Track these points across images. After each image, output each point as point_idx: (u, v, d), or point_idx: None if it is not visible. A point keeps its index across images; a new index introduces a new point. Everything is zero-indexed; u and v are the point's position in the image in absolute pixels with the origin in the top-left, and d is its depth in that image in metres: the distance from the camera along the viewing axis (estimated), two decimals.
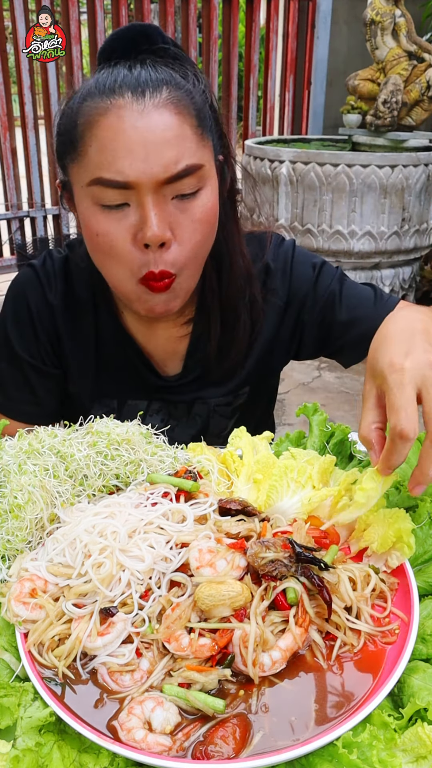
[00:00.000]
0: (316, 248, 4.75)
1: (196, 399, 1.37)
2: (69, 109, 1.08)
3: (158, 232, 1.02)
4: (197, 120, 1.05)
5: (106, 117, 1.01)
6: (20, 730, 0.68)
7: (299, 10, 6.31)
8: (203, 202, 1.07)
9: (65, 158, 1.10)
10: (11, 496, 0.89)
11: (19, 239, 5.34)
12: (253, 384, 1.40)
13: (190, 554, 0.80)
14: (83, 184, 1.05)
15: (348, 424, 1.14)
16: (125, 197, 1.03)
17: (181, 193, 1.04)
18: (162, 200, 1.03)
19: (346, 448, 1.12)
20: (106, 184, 1.02)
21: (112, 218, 1.04)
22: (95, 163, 1.02)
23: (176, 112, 1.02)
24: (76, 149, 1.05)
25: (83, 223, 1.10)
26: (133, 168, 1.00)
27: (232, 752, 0.66)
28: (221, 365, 1.32)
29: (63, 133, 1.09)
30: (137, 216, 1.03)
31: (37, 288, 1.30)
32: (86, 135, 1.03)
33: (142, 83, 1.01)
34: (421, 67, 5.00)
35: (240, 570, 0.80)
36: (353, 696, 0.71)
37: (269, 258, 1.32)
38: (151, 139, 0.99)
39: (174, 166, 1.01)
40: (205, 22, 5.58)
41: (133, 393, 1.34)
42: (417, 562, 0.89)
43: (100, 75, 1.05)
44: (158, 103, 1.01)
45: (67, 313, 1.30)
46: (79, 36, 5.04)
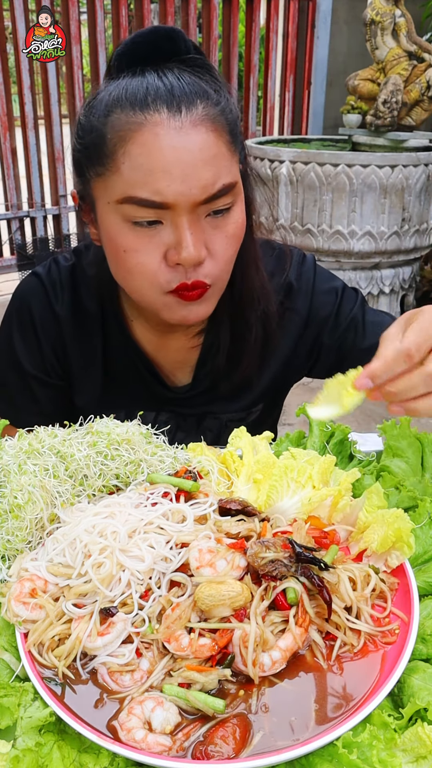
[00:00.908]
0: (316, 248, 4.75)
1: (206, 413, 1.35)
2: (94, 119, 1.03)
3: (194, 252, 1.00)
4: (230, 136, 1.04)
5: (141, 134, 0.97)
6: (20, 730, 0.68)
7: (299, 10, 6.31)
8: (235, 218, 1.06)
9: (89, 171, 1.06)
10: (11, 496, 0.89)
11: (19, 239, 5.33)
12: (267, 401, 1.39)
13: (190, 554, 0.80)
14: (112, 200, 1.02)
15: (348, 424, 1.14)
16: (159, 216, 1.00)
17: (215, 210, 1.03)
18: (196, 219, 1.01)
19: (346, 448, 1.12)
20: (141, 203, 0.99)
21: (142, 235, 1.02)
22: (128, 182, 0.99)
23: (212, 129, 1.00)
24: (105, 164, 1.01)
25: (108, 237, 1.06)
26: (171, 189, 0.97)
27: (232, 752, 0.66)
28: (231, 378, 1.31)
29: (89, 146, 1.04)
30: (171, 235, 1.01)
31: (42, 298, 1.27)
32: (118, 151, 0.99)
33: (177, 97, 0.98)
34: (421, 67, 4.99)
35: (240, 570, 0.80)
36: (353, 696, 0.71)
37: (292, 276, 1.31)
38: (189, 159, 0.97)
39: (212, 187, 0.99)
40: (205, 22, 5.58)
41: (141, 404, 1.31)
42: (417, 562, 0.89)
43: (128, 83, 1.01)
44: (195, 120, 0.98)
45: (74, 324, 1.28)
46: (79, 36, 5.04)
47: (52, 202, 5.35)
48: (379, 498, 0.93)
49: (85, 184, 1.08)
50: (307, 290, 1.31)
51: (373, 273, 4.93)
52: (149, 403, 1.33)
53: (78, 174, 1.10)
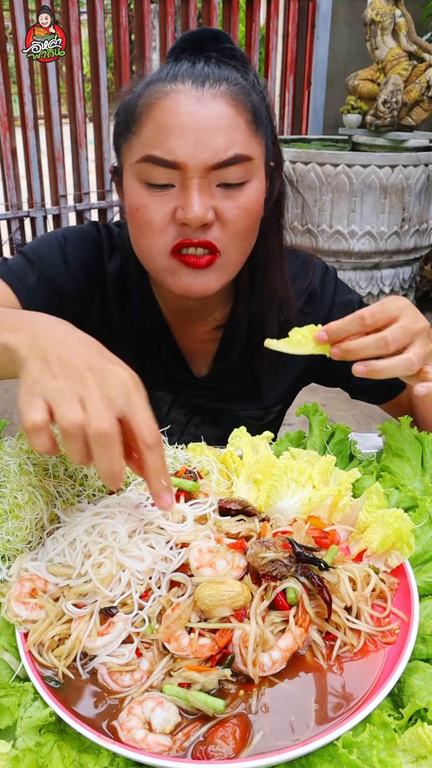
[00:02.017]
0: (316, 248, 4.75)
1: (222, 410, 1.37)
2: (131, 93, 1.11)
3: (199, 213, 1.03)
4: (252, 116, 1.08)
5: (164, 100, 1.04)
6: (20, 730, 0.68)
7: (299, 10, 6.31)
8: (248, 194, 1.08)
9: (120, 139, 1.13)
10: (11, 496, 0.89)
11: (19, 239, 5.33)
12: (285, 403, 1.42)
13: (190, 554, 0.80)
14: (133, 162, 1.08)
15: (348, 424, 1.14)
16: (171, 178, 1.05)
17: (226, 182, 1.06)
18: (206, 185, 1.05)
19: (346, 448, 1.12)
20: (155, 161, 1.04)
21: (154, 196, 1.06)
22: (147, 142, 1.05)
23: (232, 105, 1.05)
24: (131, 129, 1.08)
25: (127, 200, 1.12)
26: (183, 150, 1.02)
27: (232, 752, 0.66)
28: (243, 377, 1.33)
29: (122, 114, 1.12)
30: (180, 197, 1.05)
31: (99, 250, 1.30)
32: (143, 116, 1.06)
33: (203, 74, 1.05)
34: (421, 67, 5.00)
35: (240, 570, 0.80)
36: (353, 696, 0.71)
37: (317, 284, 1.33)
38: (204, 125, 1.02)
39: (223, 153, 1.03)
40: (205, 22, 5.58)
41: (162, 385, 1.35)
42: (417, 562, 0.89)
43: (165, 67, 1.09)
44: (216, 93, 1.04)
45: (118, 288, 1.30)
46: (79, 36, 5.04)
47: (52, 202, 5.35)
48: (379, 498, 0.93)
49: (118, 154, 1.15)
50: (328, 300, 1.34)
51: (373, 273, 4.94)
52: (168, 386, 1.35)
53: (115, 146, 1.17)
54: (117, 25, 5.09)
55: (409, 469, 1.05)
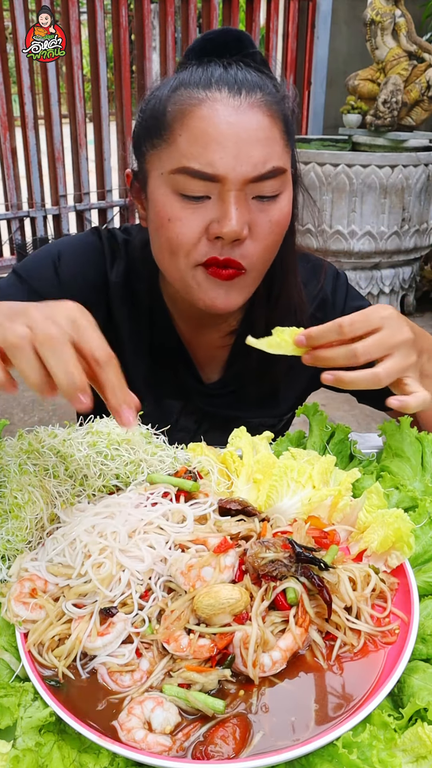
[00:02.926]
0: (316, 248, 4.75)
1: (234, 418, 1.34)
2: (157, 95, 1.08)
3: (236, 227, 1.02)
4: (285, 126, 1.07)
5: (200, 108, 1.01)
6: (20, 730, 0.68)
7: (299, 10, 6.31)
8: (281, 206, 1.08)
9: (145, 144, 1.09)
10: (11, 496, 0.89)
11: (19, 239, 5.34)
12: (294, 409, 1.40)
13: (177, 580, 0.79)
14: (165, 171, 1.05)
15: (348, 424, 1.14)
16: (208, 190, 1.03)
17: (261, 195, 1.05)
18: (244, 198, 1.03)
19: (346, 448, 1.12)
20: (193, 174, 1.01)
21: (189, 207, 1.04)
22: (183, 152, 1.02)
23: (269, 114, 1.03)
24: (162, 136, 1.05)
25: (155, 209, 1.08)
26: (223, 162, 1.00)
27: (232, 752, 0.66)
28: (258, 384, 1.32)
29: (148, 118, 1.08)
30: (216, 209, 1.03)
31: (100, 258, 1.27)
32: (176, 123, 1.03)
33: (238, 81, 1.03)
34: (421, 67, 5.00)
35: (230, 570, 0.79)
36: (353, 696, 0.71)
37: (328, 289, 1.32)
38: (244, 136, 1.00)
39: (262, 166, 1.02)
40: (205, 22, 5.58)
41: (171, 393, 1.33)
42: (417, 562, 0.89)
43: (194, 69, 1.06)
44: (253, 103, 1.02)
45: (123, 295, 1.28)
46: (79, 36, 5.04)
47: (52, 202, 5.35)
48: (379, 498, 0.93)
49: (141, 158, 1.12)
50: (339, 305, 1.33)
51: (373, 273, 4.94)
52: (178, 393, 1.34)
53: (135, 150, 1.14)
54: (117, 25, 5.09)
55: (409, 469, 1.05)
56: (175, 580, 0.79)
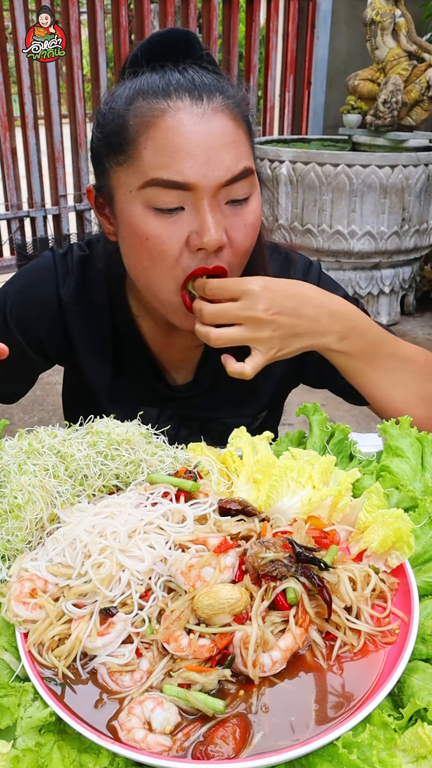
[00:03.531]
0: (316, 248, 4.75)
1: (210, 419, 1.35)
2: (115, 109, 1.05)
3: (216, 236, 1.01)
4: (247, 127, 1.07)
5: (164, 119, 1.00)
6: (20, 730, 0.68)
7: (299, 10, 6.30)
8: (253, 208, 1.08)
9: (109, 160, 1.07)
10: (11, 496, 0.89)
11: (19, 239, 5.33)
12: (271, 407, 1.40)
13: (177, 580, 0.79)
14: (134, 188, 1.03)
15: (348, 424, 1.14)
16: (181, 200, 1.01)
17: (234, 198, 1.04)
18: (218, 204, 1.03)
19: (346, 448, 1.12)
20: (164, 184, 1.00)
21: (165, 222, 1.02)
22: (151, 165, 1.00)
23: (232, 118, 1.03)
24: (126, 152, 1.03)
25: (129, 229, 1.06)
26: (194, 170, 0.99)
27: (232, 752, 0.66)
28: (233, 383, 1.31)
29: (109, 134, 1.06)
30: (193, 220, 1.02)
31: (51, 278, 1.27)
32: (141, 136, 1.01)
33: (198, 87, 1.02)
34: (421, 67, 4.99)
35: (230, 570, 0.79)
36: (353, 696, 0.71)
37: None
38: (212, 142, 1.00)
39: (234, 168, 1.02)
40: (205, 22, 5.58)
41: (145, 400, 1.32)
42: (417, 562, 0.89)
43: (149, 76, 1.04)
44: (216, 108, 1.02)
45: (79, 311, 1.28)
46: (79, 36, 5.03)
47: (52, 202, 5.35)
48: (379, 498, 0.93)
49: (104, 174, 1.10)
50: None
51: (373, 273, 4.93)
52: (152, 400, 1.33)
53: (97, 166, 1.12)
54: (117, 25, 5.09)
55: (409, 469, 1.05)
56: (175, 580, 0.79)
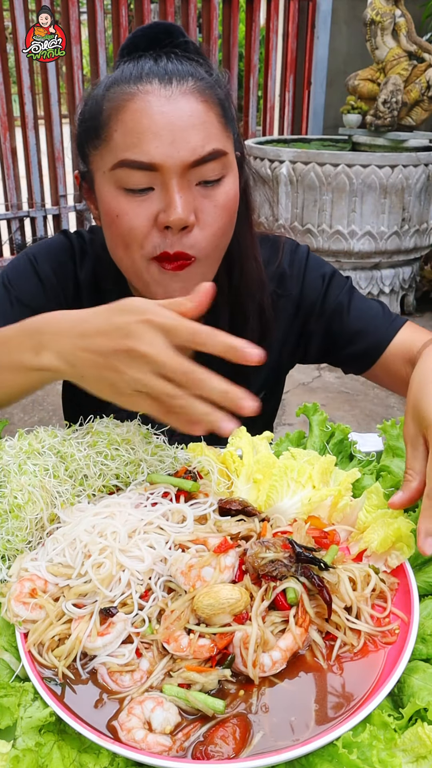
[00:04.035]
0: (316, 248, 4.75)
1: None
2: (94, 97, 1.09)
3: (182, 215, 1.02)
4: (221, 110, 1.07)
5: (133, 102, 1.02)
6: (20, 730, 0.68)
7: (299, 10, 6.31)
8: (226, 189, 1.08)
9: (87, 146, 1.10)
10: (11, 496, 0.89)
11: (19, 239, 5.33)
12: (267, 389, 1.40)
13: (177, 580, 0.79)
14: (106, 169, 1.06)
15: (348, 424, 1.14)
16: (150, 180, 1.03)
17: (205, 179, 1.05)
18: (187, 185, 1.04)
19: (346, 448, 1.12)
20: (131, 165, 1.02)
21: (134, 201, 1.05)
22: (120, 146, 1.03)
23: (202, 100, 1.04)
24: (100, 136, 1.06)
25: (103, 208, 1.09)
26: (160, 150, 1.00)
27: (232, 752, 0.66)
28: (228, 368, 1.32)
29: (87, 119, 1.10)
30: (161, 199, 1.04)
31: (69, 259, 1.29)
32: (111, 120, 1.04)
33: (169, 72, 1.03)
34: (421, 67, 5.00)
35: (230, 570, 0.79)
36: (353, 696, 0.71)
37: (285, 264, 1.33)
38: (178, 123, 1.01)
39: (201, 149, 1.02)
40: (205, 22, 5.58)
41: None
42: (417, 562, 0.89)
43: (125, 66, 1.07)
44: (185, 90, 1.03)
45: (91, 294, 1.29)
46: (79, 36, 5.04)
47: (52, 202, 5.36)
48: (379, 498, 0.93)
49: (85, 160, 1.13)
50: (299, 276, 1.33)
51: (373, 273, 4.94)
52: None
53: (79, 152, 1.14)
54: (117, 25, 5.10)
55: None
56: (175, 580, 0.79)
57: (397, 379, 1.30)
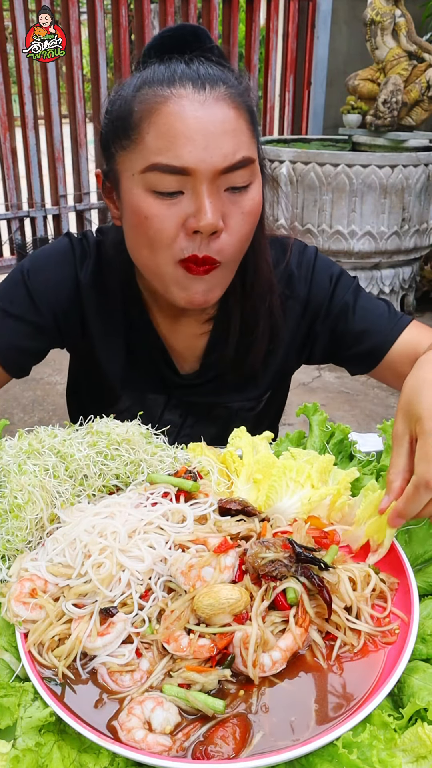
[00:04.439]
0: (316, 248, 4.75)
1: (215, 404, 1.37)
2: (122, 96, 1.09)
3: (212, 220, 1.03)
4: (250, 117, 1.08)
5: (167, 105, 1.02)
6: (20, 730, 0.68)
7: (299, 10, 6.30)
8: (252, 196, 1.09)
9: (114, 145, 1.10)
10: (11, 496, 0.89)
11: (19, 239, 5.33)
12: (273, 389, 1.41)
13: (177, 580, 0.79)
14: (136, 171, 1.06)
15: (348, 424, 1.14)
16: (181, 185, 1.03)
17: (233, 186, 1.06)
18: (216, 190, 1.04)
19: (346, 447, 1.12)
20: (164, 169, 1.02)
21: (164, 204, 1.05)
22: (152, 149, 1.03)
23: (234, 107, 1.04)
24: (130, 136, 1.06)
25: (131, 210, 1.09)
26: (193, 155, 1.01)
27: (232, 752, 0.66)
28: (237, 370, 1.33)
29: (115, 119, 1.09)
30: (191, 204, 1.04)
31: (70, 261, 1.29)
32: (144, 122, 1.04)
33: (201, 76, 1.04)
34: (421, 67, 4.99)
35: (230, 570, 0.80)
36: (353, 696, 0.71)
37: (293, 265, 1.33)
38: (212, 129, 1.01)
39: (232, 156, 1.03)
40: (205, 22, 5.58)
41: (153, 387, 1.35)
42: (417, 562, 0.89)
43: (157, 67, 1.07)
44: (218, 96, 1.03)
45: (95, 295, 1.29)
46: (79, 36, 5.03)
47: (52, 202, 5.35)
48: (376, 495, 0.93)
49: (110, 160, 1.13)
50: (307, 276, 1.34)
51: (373, 273, 4.93)
52: (160, 387, 1.35)
53: (104, 151, 1.14)
54: (117, 25, 5.09)
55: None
56: (175, 580, 0.79)
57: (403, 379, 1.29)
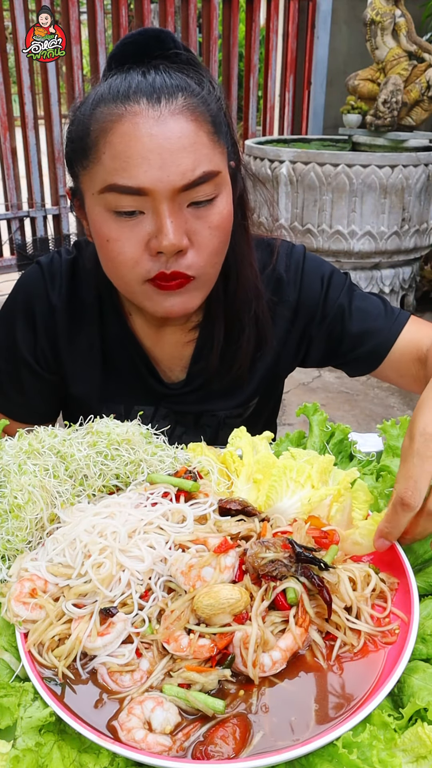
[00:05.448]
0: (316, 248, 4.75)
1: (203, 412, 1.35)
2: (81, 115, 1.06)
3: (174, 240, 1.00)
4: (213, 126, 1.04)
5: (121, 123, 0.99)
6: (20, 730, 0.68)
7: (299, 10, 6.31)
8: (219, 209, 1.06)
9: (76, 165, 1.08)
10: (11, 496, 0.89)
11: (19, 239, 5.34)
12: (261, 395, 1.39)
13: (177, 580, 0.79)
14: (95, 192, 1.04)
15: (348, 424, 1.14)
16: (140, 204, 1.01)
17: (196, 201, 1.03)
18: (178, 208, 1.01)
19: (346, 447, 1.12)
20: (120, 190, 1.00)
21: (124, 225, 1.03)
22: (109, 170, 1.00)
23: (192, 119, 1.01)
24: (88, 157, 1.04)
25: (94, 229, 1.08)
26: (149, 175, 0.98)
27: (232, 752, 0.66)
28: (223, 377, 1.31)
29: (75, 140, 1.07)
30: (152, 224, 1.02)
31: (41, 287, 1.28)
32: (100, 142, 1.01)
33: (157, 89, 1.00)
34: (421, 67, 4.99)
35: (230, 570, 0.79)
36: (353, 696, 0.71)
37: (281, 268, 1.30)
38: (167, 146, 0.98)
39: (191, 173, 1.00)
40: (205, 22, 5.59)
41: (139, 398, 1.32)
42: (417, 562, 0.89)
43: (113, 80, 1.03)
44: (174, 110, 0.99)
45: (68, 315, 1.28)
46: (79, 36, 5.04)
47: (52, 202, 5.36)
48: (365, 493, 0.93)
49: (75, 179, 1.11)
50: (296, 280, 1.31)
51: (373, 273, 4.94)
52: (147, 398, 1.33)
53: (69, 169, 1.13)
54: (117, 25, 5.10)
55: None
56: (175, 580, 0.79)
57: (407, 377, 1.29)
